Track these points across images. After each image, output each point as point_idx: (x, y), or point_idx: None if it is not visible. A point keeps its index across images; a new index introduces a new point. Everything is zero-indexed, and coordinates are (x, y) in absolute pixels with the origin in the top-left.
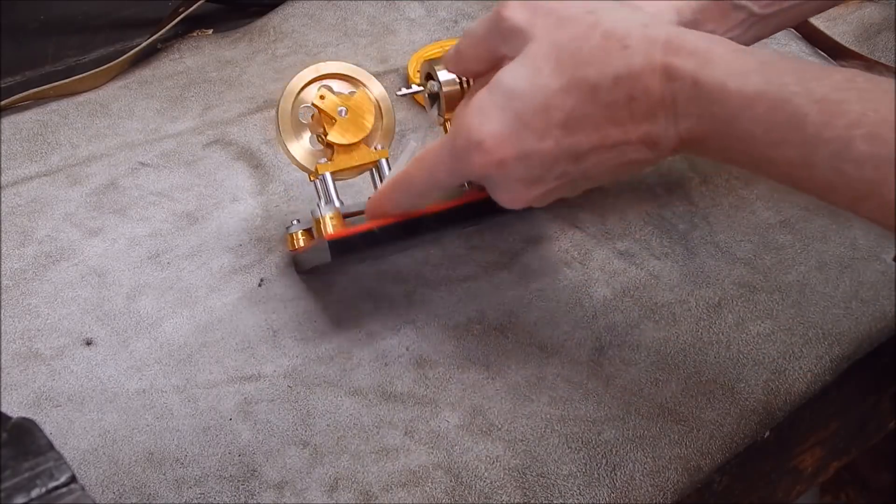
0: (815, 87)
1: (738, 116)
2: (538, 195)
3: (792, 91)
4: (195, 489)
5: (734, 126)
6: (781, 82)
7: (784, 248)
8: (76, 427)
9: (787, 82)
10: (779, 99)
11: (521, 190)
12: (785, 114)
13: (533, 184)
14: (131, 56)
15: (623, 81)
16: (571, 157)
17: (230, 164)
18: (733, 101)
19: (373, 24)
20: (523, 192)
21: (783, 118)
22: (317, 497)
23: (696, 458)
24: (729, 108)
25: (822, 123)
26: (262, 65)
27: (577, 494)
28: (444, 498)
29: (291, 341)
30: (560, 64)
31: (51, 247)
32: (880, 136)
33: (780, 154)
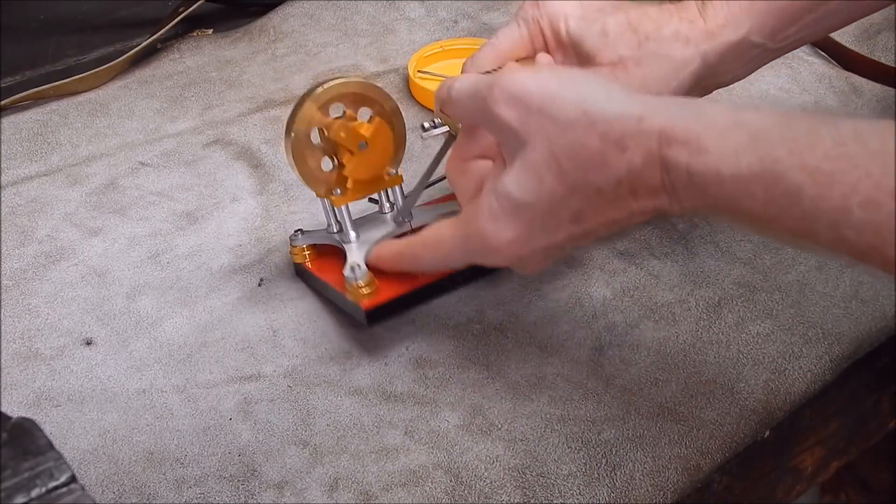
0: (808, 159)
1: (735, 197)
2: (553, 261)
3: (786, 166)
4: (195, 489)
5: (733, 205)
6: (774, 158)
7: (784, 248)
8: (76, 427)
9: (779, 157)
10: (773, 176)
11: (539, 264)
12: (780, 190)
13: (547, 259)
14: (131, 56)
15: (624, 181)
16: (582, 236)
17: (230, 164)
18: (728, 184)
19: (373, 24)
20: (541, 265)
21: (779, 194)
22: (317, 497)
23: (695, 457)
24: (726, 191)
25: (817, 196)
26: (262, 65)
27: (577, 494)
28: (444, 498)
29: (291, 341)
30: (561, 171)
31: (51, 247)
32: (876, 202)
33: (780, 225)
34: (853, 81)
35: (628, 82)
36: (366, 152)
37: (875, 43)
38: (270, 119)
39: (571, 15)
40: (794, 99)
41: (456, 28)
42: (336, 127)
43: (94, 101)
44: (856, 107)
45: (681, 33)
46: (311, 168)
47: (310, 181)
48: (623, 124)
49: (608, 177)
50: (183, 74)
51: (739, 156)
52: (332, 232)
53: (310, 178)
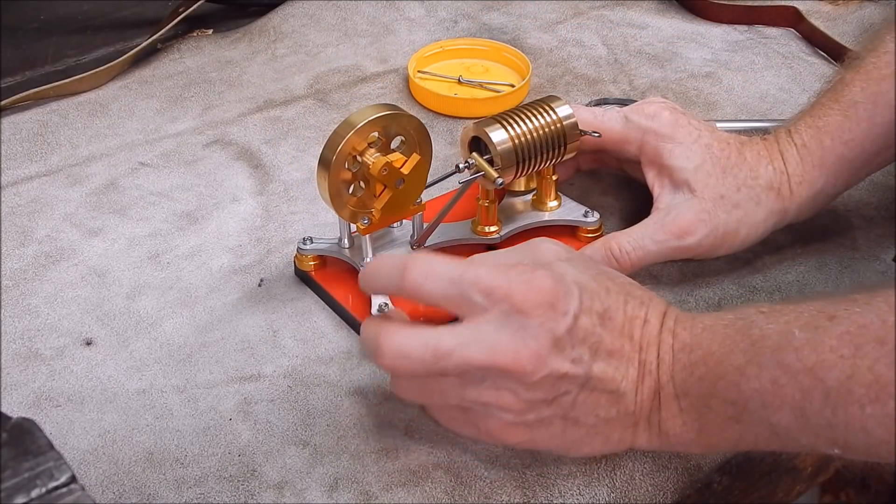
0: (764, 305)
1: (700, 336)
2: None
3: (744, 309)
4: (195, 489)
5: (696, 345)
6: (739, 307)
7: (784, 248)
8: (76, 427)
9: (743, 307)
10: (733, 318)
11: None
12: (737, 325)
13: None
14: (131, 56)
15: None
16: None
17: (230, 164)
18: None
19: (373, 24)
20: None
21: (735, 329)
22: (317, 497)
23: (695, 457)
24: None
25: (764, 323)
26: (262, 65)
27: (577, 494)
28: (444, 498)
29: (291, 341)
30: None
31: (51, 247)
32: (813, 324)
33: (731, 363)
34: None
35: (728, 216)
36: (401, 190)
37: None
38: (270, 119)
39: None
40: (794, 99)
41: (456, 28)
42: (376, 163)
43: (94, 101)
44: None
45: (773, 185)
46: (340, 195)
47: (337, 206)
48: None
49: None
50: (183, 74)
51: (716, 313)
52: (345, 247)
53: (337, 204)
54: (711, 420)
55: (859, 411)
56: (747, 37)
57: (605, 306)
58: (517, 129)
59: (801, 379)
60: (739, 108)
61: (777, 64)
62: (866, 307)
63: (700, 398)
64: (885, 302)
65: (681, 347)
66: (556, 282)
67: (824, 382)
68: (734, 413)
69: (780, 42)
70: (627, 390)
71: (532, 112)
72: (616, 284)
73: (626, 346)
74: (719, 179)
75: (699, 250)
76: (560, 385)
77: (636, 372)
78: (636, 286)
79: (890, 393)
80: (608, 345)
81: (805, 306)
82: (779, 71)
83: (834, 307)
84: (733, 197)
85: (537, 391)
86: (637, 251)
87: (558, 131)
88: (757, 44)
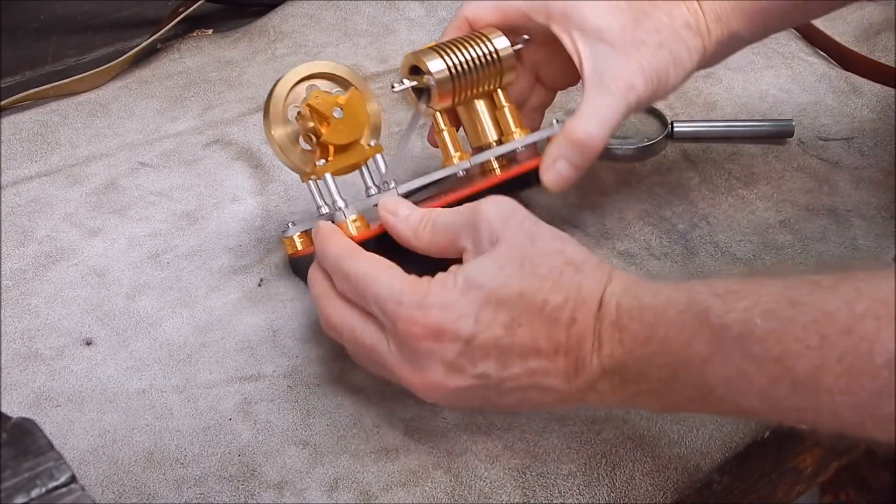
0: (718, 285)
1: (652, 324)
2: (452, 388)
3: (697, 291)
4: (195, 489)
5: (650, 335)
6: (690, 287)
7: (784, 248)
8: (76, 427)
9: (694, 286)
10: (686, 300)
11: (440, 373)
12: (692, 311)
13: (453, 372)
14: (131, 56)
15: (570, 302)
16: (500, 360)
17: (230, 164)
18: (648, 312)
19: (373, 24)
20: (441, 376)
21: (691, 315)
22: (317, 497)
23: (695, 457)
24: (645, 319)
25: (724, 311)
26: (262, 65)
27: (576, 494)
28: (444, 498)
29: (291, 341)
30: (522, 270)
31: (51, 247)
32: (775, 311)
33: (692, 352)
34: (853, 81)
35: (655, 59)
36: (343, 120)
37: (875, 43)
38: None
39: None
40: (794, 99)
41: None
42: (311, 96)
43: (94, 101)
44: (856, 107)
45: (691, 24)
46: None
47: (294, 163)
48: (586, 258)
49: (558, 292)
50: (183, 74)
51: (662, 290)
52: (322, 214)
53: (293, 160)
54: (674, 399)
55: (829, 399)
56: None
57: (512, 315)
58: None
59: (767, 368)
60: (739, 108)
61: (777, 64)
62: (831, 292)
63: (661, 382)
64: (853, 287)
65: (633, 339)
66: (443, 310)
67: (792, 371)
68: (699, 395)
69: (780, 42)
70: (557, 384)
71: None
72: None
73: (545, 345)
74: (635, 26)
75: (641, 103)
76: (473, 391)
77: (566, 364)
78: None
79: (861, 384)
80: (520, 348)
81: (764, 289)
82: (779, 71)
83: (796, 291)
84: (654, 39)
85: (449, 396)
86: (602, 126)
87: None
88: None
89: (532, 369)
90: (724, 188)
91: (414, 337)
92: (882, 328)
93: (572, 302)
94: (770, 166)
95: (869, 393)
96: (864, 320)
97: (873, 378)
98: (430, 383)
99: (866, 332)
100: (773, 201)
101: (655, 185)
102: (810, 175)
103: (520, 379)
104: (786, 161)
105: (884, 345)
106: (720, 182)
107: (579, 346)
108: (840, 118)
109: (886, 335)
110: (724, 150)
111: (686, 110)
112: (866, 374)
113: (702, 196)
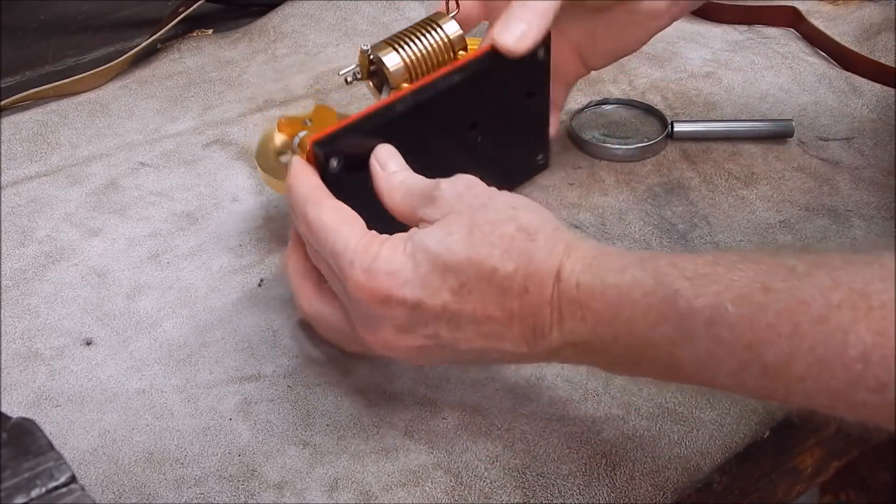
0: (687, 266)
1: (616, 305)
2: (404, 346)
3: (664, 272)
4: (195, 489)
5: (615, 316)
6: (656, 267)
7: (784, 248)
8: (76, 427)
9: (661, 266)
10: (653, 282)
11: (391, 334)
12: (659, 294)
13: (404, 332)
14: (131, 56)
15: (521, 272)
16: (451, 323)
17: (230, 164)
18: (612, 292)
19: (373, 24)
20: (392, 337)
21: (658, 298)
22: (317, 497)
23: (695, 458)
24: (608, 300)
25: (693, 295)
26: (262, 65)
27: (577, 494)
28: (444, 498)
29: (291, 341)
30: (471, 236)
31: (51, 247)
32: (747, 297)
33: (659, 334)
34: (853, 81)
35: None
36: (314, 126)
37: (875, 43)
38: (270, 119)
39: None
40: (794, 99)
41: None
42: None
43: (94, 101)
44: (856, 107)
45: None
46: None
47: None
48: (541, 224)
49: (508, 260)
50: (183, 74)
51: (626, 268)
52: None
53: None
54: (643, 371)
55: (800, 385)
56: (747, 37)
57: (460, 281)
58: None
59: (737, 354)
60: (739, 108)
61: (777, 64)
62: (806, 280)
63: (628, 358)
64: (829, 276)
65: (596, 318)
66: (389, 276)
67: (762, 358)
68: (668, 371)
69: (780, 42)
70: (513, 348)
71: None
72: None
73: (497, 313)
74: None
75: None
76: (427, 349)
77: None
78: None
79: (833, 374)
80: (470, 314)
81: (736, 273)
82: (779, 71)
83: (769, 277)
84: None
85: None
86: None
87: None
88: (757, 44)
89: (486, 333)
90: (724, 188)
91: (362, 301)
92: (858, 319)
93: (523, 272)
94: (770, 166)
95: (842, 382)
96: (840, 310)
97: (846, 369)
98: (382, 342)
99: (841, 323)
100: (773, 201)
101: (655, 185)
102: (810, 175)
103: (473, 342)
104: (786, 161)
105: (859, 336)
106: (720, 182)
107: (535, 315)
108: (840, 118)
109: (862, 326)
110: (724, 150)
111: (686, 110)
112: (839, 365)
113: (702, 196)
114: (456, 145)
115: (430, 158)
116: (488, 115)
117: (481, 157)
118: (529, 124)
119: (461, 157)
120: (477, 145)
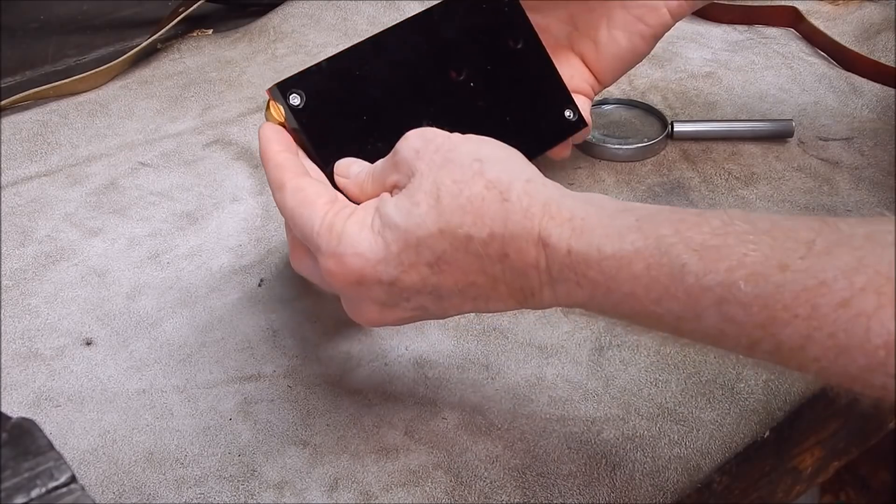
0: (693, 236)
1: (616, 278)
2: (393, 319)
3: (669, 243)
4: (195, 489)
5: (614, 287)
6: (658, 235)
7: None
8: (76, 427)
9: (664, 234)
10: (657, 253)
11: (375, 311)
12: (664, 267)
13: (388, 307)
14: (131, 56)
15: (497, 237)
16: (433, 294)
17: (230, 164)
18: (610, 263)
19: (373, 24)
20: (376, 313)
21: (663, 272)
22: (317, 497)
23: (695, 458)
24: (607, 271)
25: (702, 271)
26: (262, 65)
27: (577, 494)
28: (444, 498)
29: (291, 341)
30: (438, 204)
31: (51, 247)
32: (762, 275)
33: (664, 308)
34: (853, 81)
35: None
36: None
37: (875, 43)
38: None
39: None
40: (794, 99)
41: None
42: None
43: (94, 101)
44: (856, 107)
45: None
46: None
47: None
48: (511, 178)
49: (481, 227)
50: (183, 74)
51: (623, 235)
52: None
53: None
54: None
55: (815, 364)
56: (747, 37)
57: (436, 255)
58: None
59: (749, 332)
60: (739, 108)
61: (777, 64)
62: (826, 259)
63: (630, 321)
64: (853, 256)
65: (593, 285)
66: (358, 256)
67: (776, 337)
68: (672, 335)
69: (780, 42)
70: (504, 305)
71: None
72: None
73: (480, 279)
74: None
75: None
76: (417, 316)
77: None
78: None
79: (853, 359)
80: (452, 284)
81: (748, 246)
82: (779, 71)
83: (785, 253)
84: None
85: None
86: None
87: None
88: (757, 44)
89: (473, 296)
90: (724, 188)
91: (336, 285)
92: (883, 304)
93: (499, 237)
94: (770, 166)
95: (861, 368)
96: (864, 294)
97: (868, 356)
98: (369, 318)
99: (864, 309)
100: (773, 201)
101: (655, 185)
102: (810, 175)
103: (462, 306)
104: (786, 161)
105: (883, 324)
106: (720, 182)
107: (520, 277)
108: (840, 118)
109: (886, 314)
110: (724, 150)
111: (686, 110)
112: (860, 353)
113: (702, 196)
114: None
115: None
116: (473, 62)
117: (493, 117)
118: (534, 76)
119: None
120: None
